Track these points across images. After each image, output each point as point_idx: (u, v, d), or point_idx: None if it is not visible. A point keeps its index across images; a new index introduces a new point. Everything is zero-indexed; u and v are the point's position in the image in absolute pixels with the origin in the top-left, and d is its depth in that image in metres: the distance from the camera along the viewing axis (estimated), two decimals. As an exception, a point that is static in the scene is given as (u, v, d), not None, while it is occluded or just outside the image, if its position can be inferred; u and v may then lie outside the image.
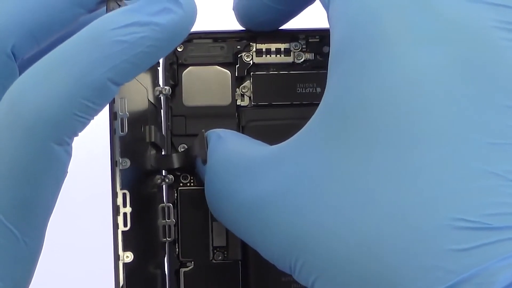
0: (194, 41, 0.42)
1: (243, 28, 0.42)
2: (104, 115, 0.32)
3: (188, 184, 0.42)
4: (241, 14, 0.41)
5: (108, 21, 0.31)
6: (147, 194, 0.38)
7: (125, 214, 0.32)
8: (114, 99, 0.33)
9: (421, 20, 0.32)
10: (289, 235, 0.33)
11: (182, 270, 0.41)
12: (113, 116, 0.33)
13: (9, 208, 0.31)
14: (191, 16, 0.32)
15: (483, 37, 0.31)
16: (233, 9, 0.41)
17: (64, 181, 0.32)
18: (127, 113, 0.33)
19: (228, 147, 0.37)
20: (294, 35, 0.42)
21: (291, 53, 0.42)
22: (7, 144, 0.30)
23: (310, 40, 0.42)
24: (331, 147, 0.32)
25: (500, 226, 0.29)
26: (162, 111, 0.42)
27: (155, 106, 0.40)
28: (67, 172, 0.32)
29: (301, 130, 0.35)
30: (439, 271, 0.29)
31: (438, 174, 0.30)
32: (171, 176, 0.41)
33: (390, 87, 0.31)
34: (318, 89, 0.42)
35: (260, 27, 0.41)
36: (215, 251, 0.42)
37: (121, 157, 0.33)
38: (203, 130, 0.39)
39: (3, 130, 0.31)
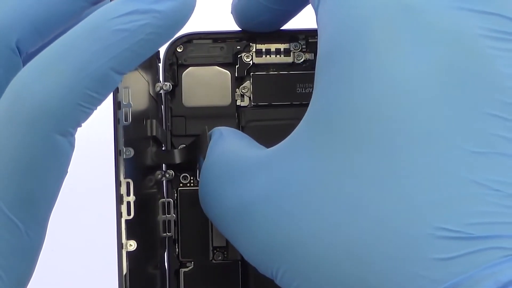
0: (194, 41, 0.42)
1: None
2: (107, 106, 0.32)
3: (188, 185, 0.42)
4: (239, 15, 0.41)
5: (108, 10, 0.31)
6: (148, 188, 0.38)
7: (128, 203, 0.32)
8: (118, 88, 0.33)
9: (409, 28, 0.32)
10: (272, 241, 0.33)
11: (182, 270, 0.41)
12: (117, 105, 0.33)
13: (13, 200, 0.31)
14: (191, 2, 0.32)
15: (471, 45, 0.31)
16: (231, 12, 0.41)
17: (68, 170, 0.32)
18: (131, 103, 0.33)
19: (225, 148, 0.37)
20: (293, 35, 0.42)
21: (291, 53, 0.42)
22: (11, 137, 0.30)
23: (310, 40, 0.42)
24: (318, 153, 0.32)
25: (482, 235, 0.29)
26: (162, 107, 0.42)
27: (156, 101, 0.40)
28: (67, 172, 0.32)
29: (290, 135, 0.35)
30: (423, 280, 0.29)
31: (422, 182, 0.30)
32: (171, 172, 0.41)
33: (376, 93, 0.31)
34: None
35: (258, 28, 0.41)
36: (215, 251, 0.42)
37: (124, 147, 0.33)
38: (206, 127, 0.39)
39: (7, 123, 0.30)
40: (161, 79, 0.41)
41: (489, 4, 0.32)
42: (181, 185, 0.42)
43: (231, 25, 0.42)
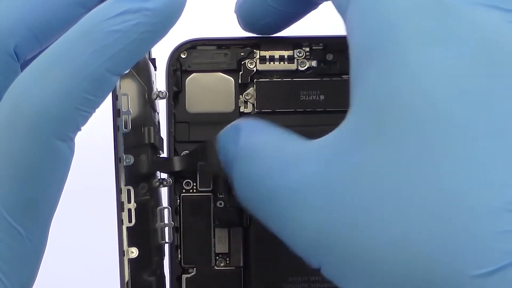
0: (198, 47, 0.42)
1: (246, 35, 0.42)
2: (103, 111, 0.32)
3: (191, 190, 0.42)
4: (243, 16, 0.41)
5: (99, 12, 0.31)
6: (145, 195, 0.38)
7: (129, 210, 0.33)
8: (117, 96, 0.33)
9: (442, 25, 0.32)
10: (320, 231, 0.33)
11: (184, 276, 0.41)
12: (116, 112, 0.33)
13: (14, 206, 0.31)
14: None
15: (504, 41, 0.31)
16: (234, 12, 0.41)
17: (68, 177, 0.32)
18: (130, 110, 0.33)
19: (261, 140, 0.36)
20: (297, 42, 0.42)
21: (295, 60, 0.42)
22: (11, 143, 0.31)
23: (314, 47, 0.42)
24: (371, 146, 0.32)
25: None
26: (157, 114, 0.42)
27: (152, 108, 0.41)
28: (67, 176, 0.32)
29: (337, 130, 0.34)
30: (495, 252, 0.29)
31: (489, 163, 0.30)
32: (169, 179, 0.41)
33: (422, 87, 0.31)
34: (322, 97, 0.42)
35: (261, 30, 0.41)
36: (217, 257, 0.42)
37: (124, 154, 0.33)
38: (215, 136, 0.38)
39: (6, 129, 0.31)
40: (162, 88, 0.41)
41: None
42: (183, 191, 0.42)
43: (235, 32, 0.42)
